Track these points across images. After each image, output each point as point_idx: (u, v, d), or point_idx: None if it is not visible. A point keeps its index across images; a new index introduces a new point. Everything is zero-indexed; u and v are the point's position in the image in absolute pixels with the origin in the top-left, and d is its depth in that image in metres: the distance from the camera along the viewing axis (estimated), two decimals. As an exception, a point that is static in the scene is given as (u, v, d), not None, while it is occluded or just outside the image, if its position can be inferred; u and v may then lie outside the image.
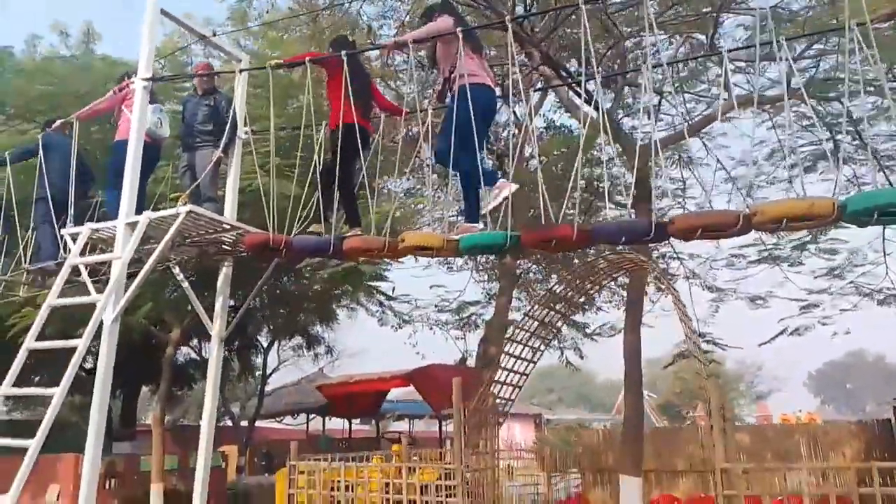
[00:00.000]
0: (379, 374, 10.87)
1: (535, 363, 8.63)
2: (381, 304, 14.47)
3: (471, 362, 14.41)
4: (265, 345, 20.44)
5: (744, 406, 47.94)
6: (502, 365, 8.43)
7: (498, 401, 8.41)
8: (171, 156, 8.33)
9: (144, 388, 20.77)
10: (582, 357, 15.43)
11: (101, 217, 6.84)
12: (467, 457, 7.48)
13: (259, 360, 21.15)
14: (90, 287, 6.00)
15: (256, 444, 18.54)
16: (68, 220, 7.22)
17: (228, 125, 6.82)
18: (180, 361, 20.48)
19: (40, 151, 7.25)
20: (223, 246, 6.42)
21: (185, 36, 9.89)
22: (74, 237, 6.29)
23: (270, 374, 22.60)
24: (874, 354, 73.11)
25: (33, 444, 5.05)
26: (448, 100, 5.47)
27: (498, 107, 5.51)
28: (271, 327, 18.36)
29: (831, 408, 71.10)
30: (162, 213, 5.92)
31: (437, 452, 11.07)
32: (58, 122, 7.33)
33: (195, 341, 18.18)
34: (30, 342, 5.62)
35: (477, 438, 8.01)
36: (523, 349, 8.45)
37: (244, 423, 22.65)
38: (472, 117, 4.91)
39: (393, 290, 13.63)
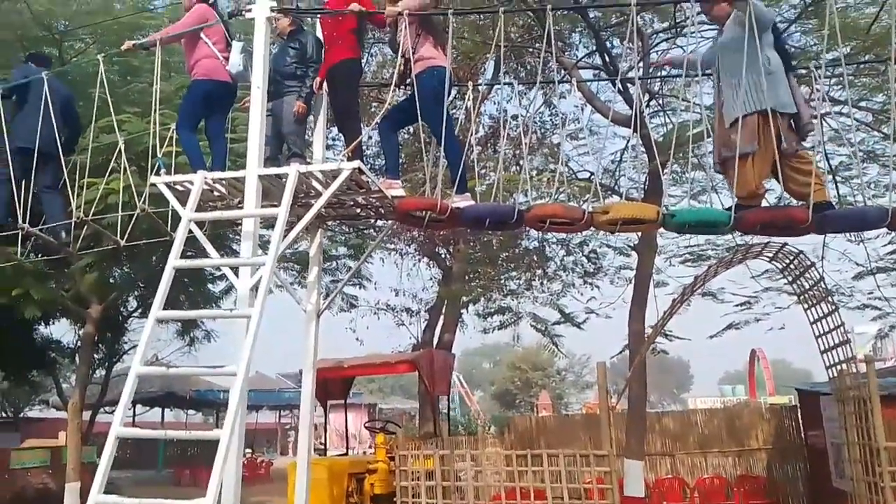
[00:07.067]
0: (383, 357, 10.18)
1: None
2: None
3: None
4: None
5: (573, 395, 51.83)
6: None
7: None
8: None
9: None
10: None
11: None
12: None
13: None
14: (209, 248, 5.09)
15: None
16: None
17: (317, 70, 6.07)
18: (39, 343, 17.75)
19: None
20: (361, 211, 5.64)
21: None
22: (176, 186, 5.23)
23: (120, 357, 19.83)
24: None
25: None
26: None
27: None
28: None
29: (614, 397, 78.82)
30: (320, 166, 5.14)
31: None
32: (128, 44, 5.84)
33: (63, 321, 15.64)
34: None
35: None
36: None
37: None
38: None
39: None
